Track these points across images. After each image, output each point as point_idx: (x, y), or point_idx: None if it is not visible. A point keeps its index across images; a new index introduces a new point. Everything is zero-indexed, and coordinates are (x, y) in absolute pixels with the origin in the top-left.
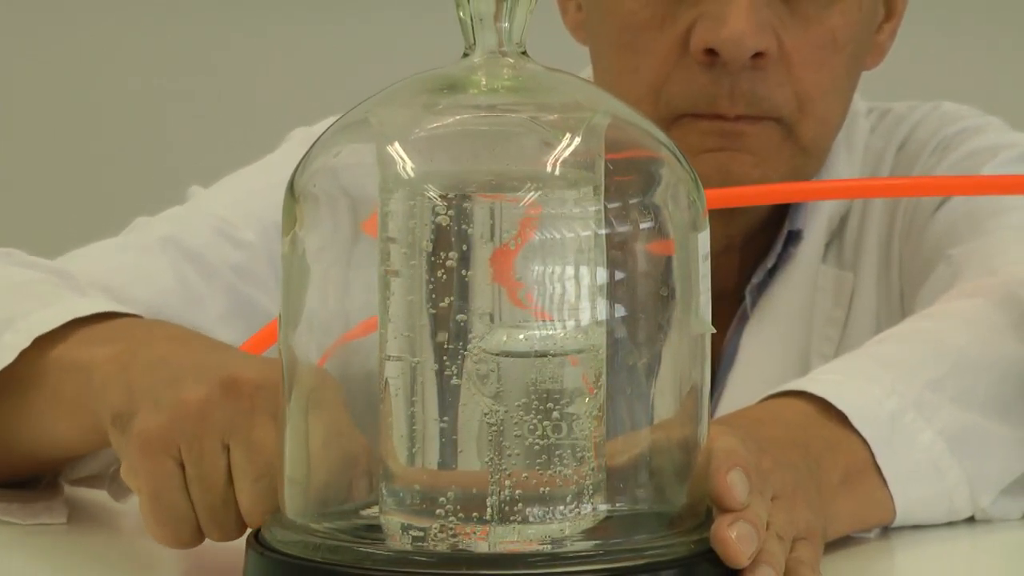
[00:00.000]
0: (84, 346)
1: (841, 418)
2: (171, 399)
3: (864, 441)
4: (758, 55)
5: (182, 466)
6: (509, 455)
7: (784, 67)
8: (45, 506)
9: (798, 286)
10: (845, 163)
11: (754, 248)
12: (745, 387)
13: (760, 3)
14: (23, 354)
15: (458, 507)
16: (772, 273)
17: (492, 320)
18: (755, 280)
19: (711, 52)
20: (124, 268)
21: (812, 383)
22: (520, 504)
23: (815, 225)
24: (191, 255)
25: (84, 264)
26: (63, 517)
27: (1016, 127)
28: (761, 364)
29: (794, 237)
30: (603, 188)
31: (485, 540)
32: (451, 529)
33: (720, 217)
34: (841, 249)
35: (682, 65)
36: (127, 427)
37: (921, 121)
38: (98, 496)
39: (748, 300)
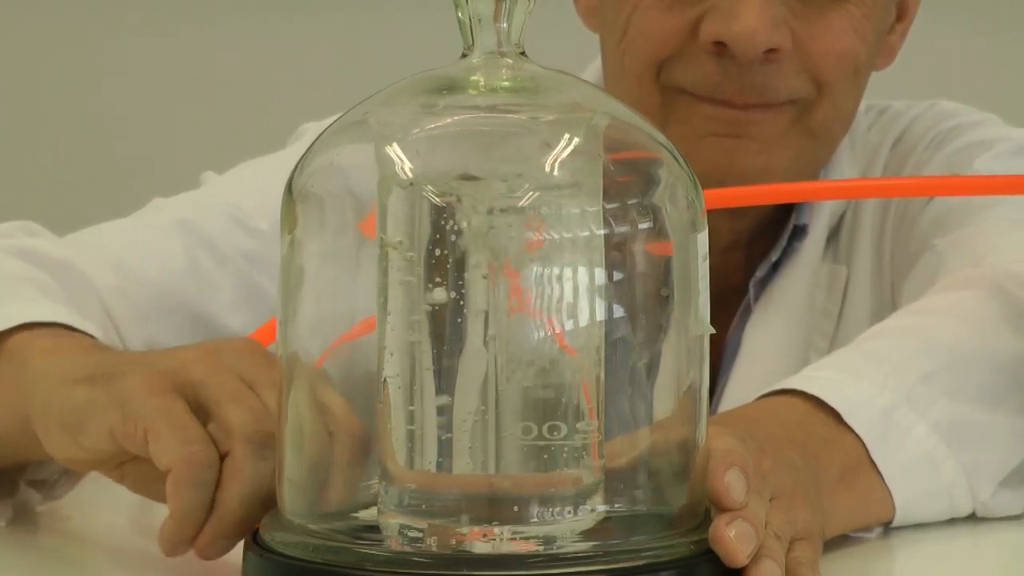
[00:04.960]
0: (26, 340)
1: (835, 416)
2: (165, 358)
3: (859, 438)
4: (771, 50)
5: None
6: (508, 455)
7: (800, 56)
8: None
9: (800, 280)
10: (848, 162)
11: (761, 243)
12: (748, 380)
13: None
14: None
15: (457, 508)
16: (776, 267)
17: (491, 320)
18: (759, 274)
19: (721, 43)
20: (138, 247)
21: (805, 381)
22: (519, 505)
23: (819, 220)
24: (205, 240)
25: (99, 241)
26: (2, 520)
27: (1015, 125)
28: (763, 357)
29: (799, 232)
30: (602, 189)
31: (484, 541)
32: (450, 530)
33: (727, 213)
34: (836, 243)
35: (690, 49)
36: (113, 379)
37: (917, 117)
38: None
39: (752, 293)
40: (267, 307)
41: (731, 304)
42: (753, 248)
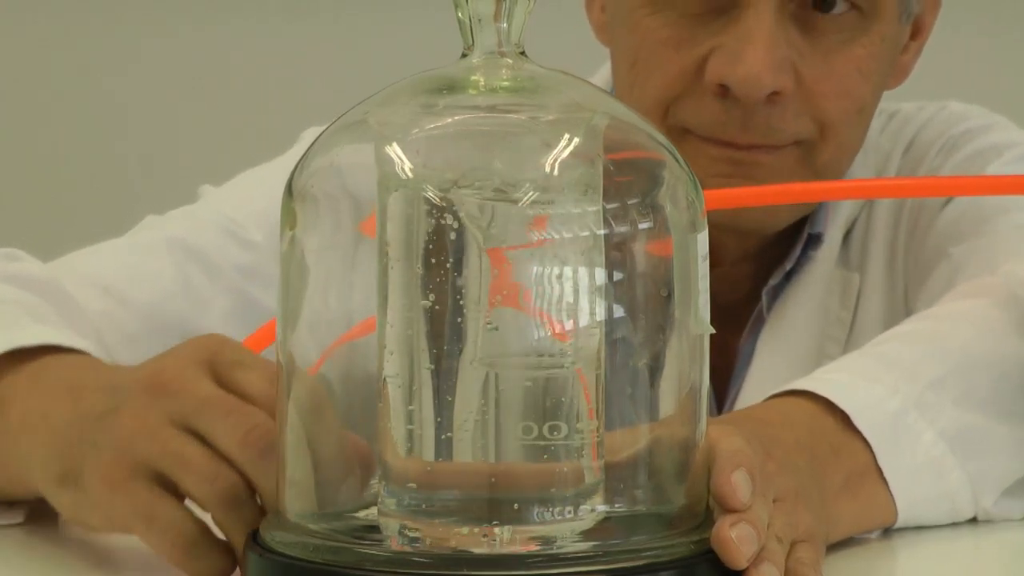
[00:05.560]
0: (7, 382)
1: (844, 418)
2: (109, 435)
3: (867, 442)
4: (774, 92)
5: (156, 487)
6: (508, 456)
7: (803, 99)
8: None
9: (814, 288)
10: (860, 166)
11: (771, 252)
12: (761, 389)
13: (779, 39)
14: None
15: (457, 508)
16: (789, 276)
17: (490, 320)
18: (773, 282)
19: (725, 86)
20: (127, 268)
21: (816, 383)
22: (519, 505)
23: (834, 228)
24: (197, 255)
25: (89, 264)
26: (20, 518)
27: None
28: (777, 365)
29: (814, 240)
30: (602, 189)
31: (484, 541)
32: (450, 530)
33: (733, 232)
34: (848, 250)
35: (696, 89)
36: (80, 480)
37: (928, 122)
38: None
39: (765, 302)
40: (262, 319)
41: (740, 314)
42: (763, 258)
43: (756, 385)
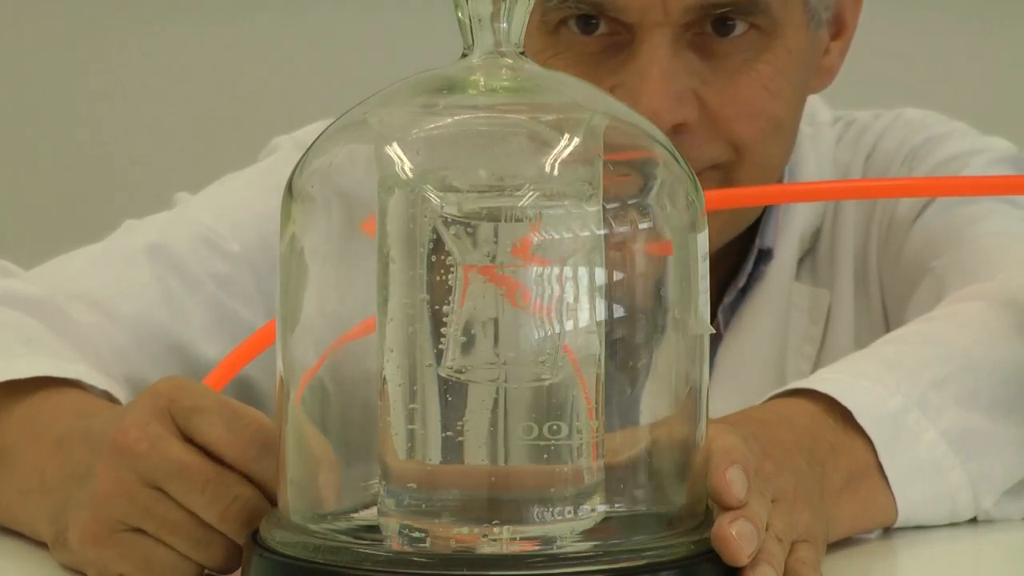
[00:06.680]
0: (6, 433)
1: (846, 417)
2: (86, 496)
3: (868, 441)
4: (679, 124)
5: (141, 537)
6: (508, 456)
7: (711, 125)
8: None
9: (770, 304)
10: (815, 175)
11: (723, 269)
12: (722, 405)
13: (677, 71)
14: None
15: (457, 508)
16: (744, 292)
17: (490, 319)
18: (727, 300)
19: None
20: (110, 281)
21: (819, 381)
22: (519, 505)
23: (785, 243)
24: (176, 264)
25: (72, 276)
26: None
27: (1007, 126)
28: (736, 382)
29: (764, 255)
30: (602, 188)
31: (484, 541)
32: (450, 530)
33: None
34: (815, 266)
35: None
36: (67, 540)
37: (886, 131)
38: None
39: (721, 319)
40: (240, 331)
41: None
42: (714, 273)
43: (716, 403)
